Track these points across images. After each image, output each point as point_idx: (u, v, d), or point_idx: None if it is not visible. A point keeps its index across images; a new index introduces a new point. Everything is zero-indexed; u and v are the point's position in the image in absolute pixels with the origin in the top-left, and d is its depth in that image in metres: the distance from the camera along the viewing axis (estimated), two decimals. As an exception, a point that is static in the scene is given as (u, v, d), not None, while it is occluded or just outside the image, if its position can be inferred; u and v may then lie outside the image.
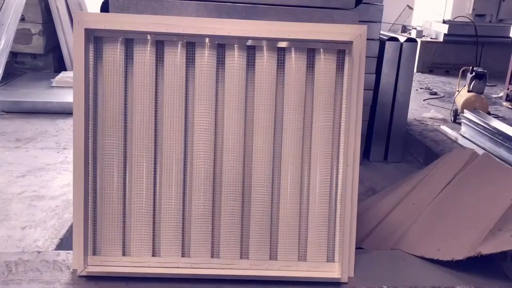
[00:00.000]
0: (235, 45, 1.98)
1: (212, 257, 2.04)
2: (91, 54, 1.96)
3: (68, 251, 2.13)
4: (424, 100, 5.60)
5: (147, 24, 1.92)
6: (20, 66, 6.05)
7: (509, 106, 5.46)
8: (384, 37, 3.75)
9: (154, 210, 2.04)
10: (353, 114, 1.97)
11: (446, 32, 7.29)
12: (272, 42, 1.97)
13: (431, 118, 4.78)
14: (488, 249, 2.03)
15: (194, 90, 2.00)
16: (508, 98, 5.62)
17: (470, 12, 7.52)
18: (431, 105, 5.36)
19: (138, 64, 1.97)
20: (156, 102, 2.00)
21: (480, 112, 4.14)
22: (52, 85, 5.17)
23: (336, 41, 1.96)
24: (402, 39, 3.77)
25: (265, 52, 1.98)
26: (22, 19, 5.65)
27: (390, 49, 3.65)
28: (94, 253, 2.02)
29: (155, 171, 2.03)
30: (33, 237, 2.36)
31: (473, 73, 4.58)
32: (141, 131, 1.99)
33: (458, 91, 4.81)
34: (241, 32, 1.94)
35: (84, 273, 1.96)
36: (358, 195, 2.05)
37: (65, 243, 2.37)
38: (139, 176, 2.00)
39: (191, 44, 1.98)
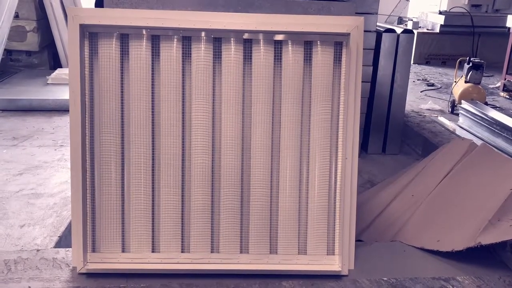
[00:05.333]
0: (232, 39, 1.96)
1: (212, 252, 2.04)
2: (86, 50, 1.94)
3: (67, 249, 2.12)
4: (421, 92, 5.60)
5: (142, 19, 1.90)
6: (15, 64, 6.01)
7: (506, 96, 5.47)
8: (381, 29, 3.73)
9: (153, 206, 2.03)
10: (351, 107, 1.97)
11: (442, 23, 7.28)
12: (268, 35, 1.96)
13: (429, 109, 4.78)
14: (487, 239, 2.03)
15: (191, 85, 1.99)
16: (505, 88, 5.62)
17: (466, 2, 7.49)
18: (429, 97, 5.36)
19: (134, 59, 1.95)
20: (152, 97, 1.99)
21: (477, 103, 4.14)
22: (47, 82, 5.14)
23: (333, 33, 1.95)
24: (398, 30, 3.76)
25: (262, 45, 1.97)
26: (16, 16, 5.61)
27: (387, 41, 3.64)
28: (93, 250, 2.01)
29: (153, 167, 2.02)
30: (31, 235, 2.35)
31: (470, 64, 4.57)
32: (138, 127, 1.97)
33: (455, 82, 4.80)
34: (238, 26, 1.93)
35: (83, 271, 1.96)
36: (357, 187, 2.04)
37: (64, 241, 2.36)
38: (137, 172, 1.99)
39: (187, 38, 1.97)
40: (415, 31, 6.94)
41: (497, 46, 7.08)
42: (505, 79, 5.63)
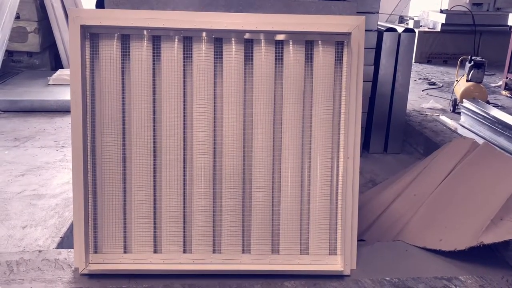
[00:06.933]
0: (233, 39, 1.96)
1: (213, 252, 2.04)
2: (87, 51, 1.94)
3: (69, 250, 2.12)
4: (422, 91, 5.59)
5: (143, 20, 1.90)
6: (16, 65, 6.01)
7: (508, 95, 5.45)
8: (382, 28, 3.73)
9: (154, 206, 2.03)
10: (353, 106, 1.96)
11: (443, 22, 7.26)
12: (270, 35, 1.96)
13: (430, 108, 4.77)
14: (490, 238, 2.02)
15: (192, 85, 1.99)
16: (507, 87, 5.61)
17: (467, 1, 7.48)
18: (430, 96, 5.35)
19: (135, 60, 1.95)
20: (154, 98, 1.99)
21: (479, 102, 4.13)
22: (49, 83, 5.15)
23: (334, 32, 1.95)
24: (399, 29, 3.75)
25: (263, 45, 1.97)
26: (17, 17, 5.61)
27: (388, 40, 3.64)
28: (95, 251, 2.01)
29: (154, 168, 2.02)
30: (33, 236, 2.35)
31: (472, 63, 4.56)
32: (139, 128, 1.97)
33: (456, 80, 4.79)
34: (239, 26, 1.93)
35: (86, 271, 1.96)
36: (359, 187, 2.04)
37: (66, 242, 2.36)
38: (138, 173, 1.99)
39: (188, 38, 1.97)
40: (416, 30, 6.93)
41: (498, 44, 7.07)
42: (506, 77, 5.61)
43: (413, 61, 7.11)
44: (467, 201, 2.36)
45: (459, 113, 4.34)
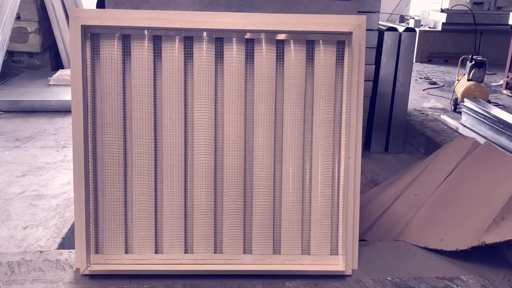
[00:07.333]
0: (233, 39, 1.96)
1: (215, 252, 2.03)
2: (88, 51, 1.94)
3: (70, 250, 2.12)
4: (423, 90, 5.58)
5: (143, 19, 1.90)
6: (17, 65, 6.01)
7: (509, 94, 5.44)
8: (383, 28, 3.72)
9: (156, 207, 2.03)
10: (354, 106, 1.96)
11: (444, 21, 7.25)
12: (270, 34, 1.95)
13: (431, 108, 4.76)
14: (492, 238, 2.02)
15: (193, 85, 1.99)
16: (508, 86, 5.60)
17: (468, 0, 7.47)
18: (431, 95, 5.34)
19: (136, 60, 1.95)
20: (155, 98, 1.99)
21: (480, 101, 4.12)
22: (49, 83, 5.15)
23: (335, 32, 1.94)
24: (400, 29, 3.74)
25: (264, 45, 1.96)
26: (18, 17, 5.61)
27: (389, 40, 3.63)
28: (96, 252, 2.01)
29: (155, 168, 2.01)
30: (35, 237, 2.35)
31: (473, 62, 4.55)
32: (140, 128, 1.97)
33: (457, 80, 4.79)
34: (239, 25, 1.92)
35: (87, 272, 1.95)
36: (360, 187, 2.03)
37: (67, 242, 2.36)
38: (140, 173, 1.99)
39: (189, 38, 1.96)
40: (417, 30, 6.93)
41: (499, 43, 7.06)
42: (507, 76, 5.60)
43: (414, 60, 7.11)
44: (468, 200, 2.35)
45: (460, 113, 4.33)
